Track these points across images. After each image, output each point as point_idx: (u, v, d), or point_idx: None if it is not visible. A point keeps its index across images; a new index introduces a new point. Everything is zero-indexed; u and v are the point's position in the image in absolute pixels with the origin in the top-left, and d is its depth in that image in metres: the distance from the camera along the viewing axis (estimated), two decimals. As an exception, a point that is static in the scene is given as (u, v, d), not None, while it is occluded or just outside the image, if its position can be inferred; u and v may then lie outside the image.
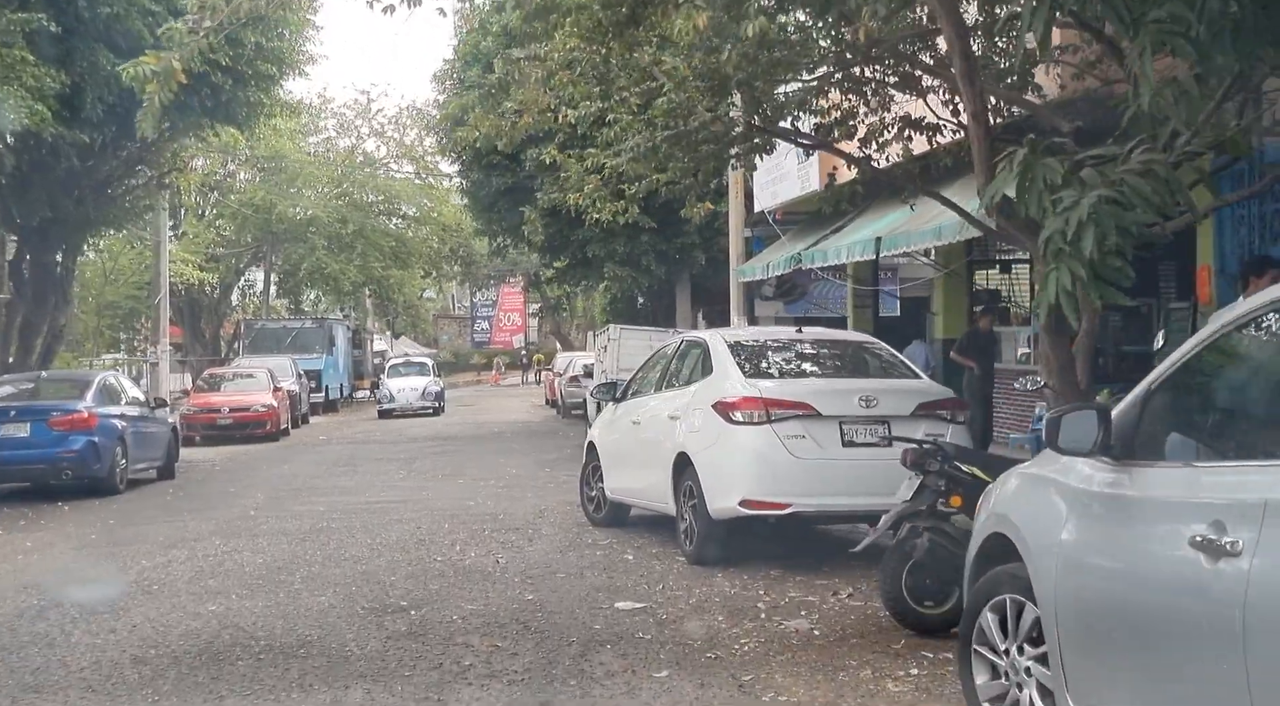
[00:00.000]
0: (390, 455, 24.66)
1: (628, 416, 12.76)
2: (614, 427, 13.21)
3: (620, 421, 12.98)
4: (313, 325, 42.36)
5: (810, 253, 20.99)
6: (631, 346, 21.94)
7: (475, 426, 33.03)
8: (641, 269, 31.55)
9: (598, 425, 14.05)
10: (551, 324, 62.41)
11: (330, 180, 47.40)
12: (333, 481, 19.69)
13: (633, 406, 12.83)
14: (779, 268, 22.58)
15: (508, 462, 22.18)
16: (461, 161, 32.51)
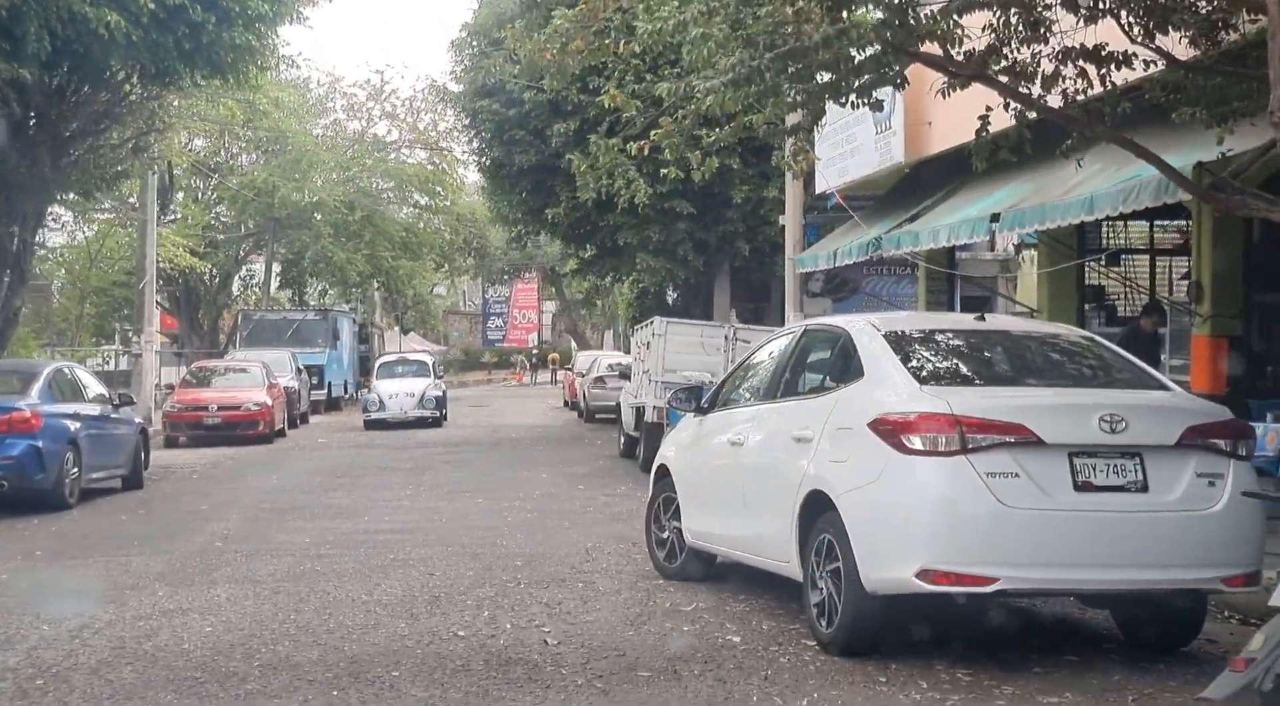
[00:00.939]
0: (396, 463, 21.21)
1: (720, 433, 9.26)
2: (699, 449, 9.71)
3: (709, 441, 9.48)
4: (315, 317, 38.91)
5: (895, 236, 17.47)
6: (680, 343, 18.50)
7: (490, 431, 29.57)
8: (678, 259, 28.08)
9: (672, 443, 10.54)
10: (567, 322, 58.95)
11: (338, 164, 43.92)
12: (326, 499, 16.22)
13: (727, 420, 9.33)
14: (851, 254, 19.06)
15: (532, 477, 18.73)
16: (480, 137, 29.05)
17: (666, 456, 10.25)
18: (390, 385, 31.67)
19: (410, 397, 30.99)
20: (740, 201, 27.29)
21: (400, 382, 31.87)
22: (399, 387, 31.42)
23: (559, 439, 27.11)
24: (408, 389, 31.29)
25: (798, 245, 22.45)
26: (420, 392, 31.19)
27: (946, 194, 17.71)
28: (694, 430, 9.88)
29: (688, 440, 9.99)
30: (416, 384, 31.67)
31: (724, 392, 9.77)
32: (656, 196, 27.01)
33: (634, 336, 20.90)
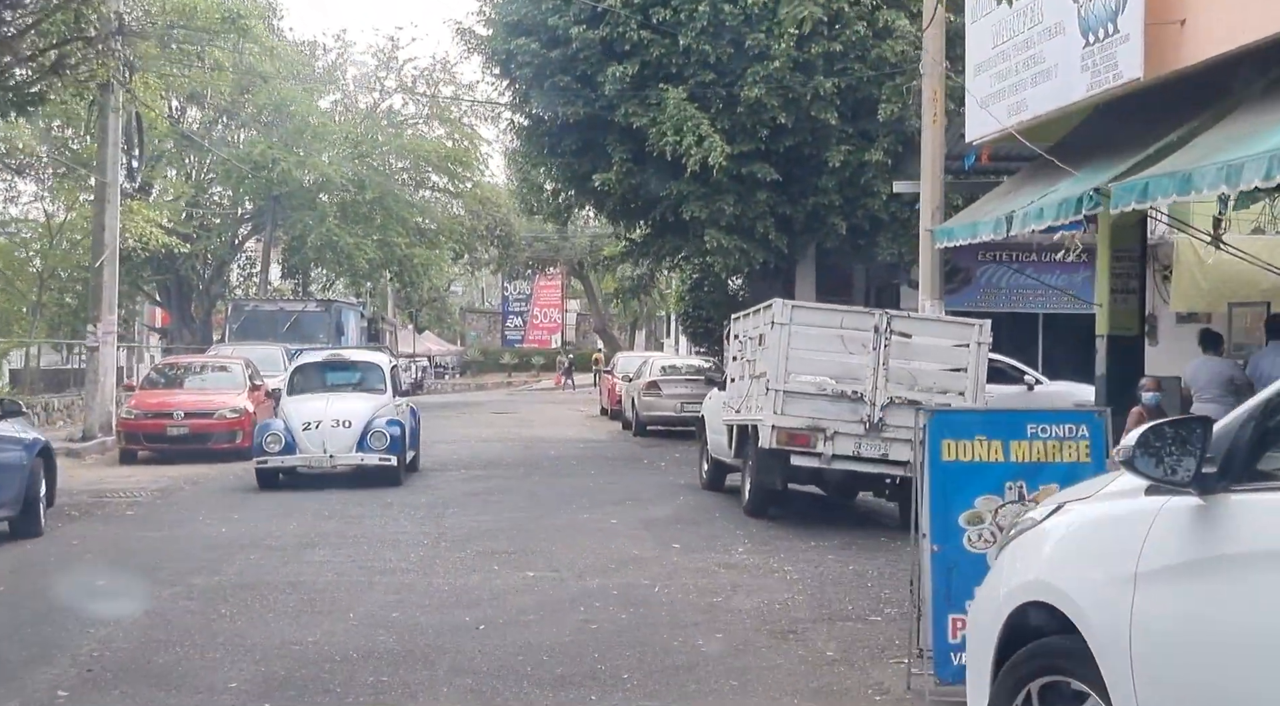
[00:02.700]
0: (405, 495, 15.53)
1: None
2: (1214, 599, 3.73)
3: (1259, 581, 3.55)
4: (316, 308, 33.27)
5: (1138, 185, 11.65)
6: (810, 337, 12.78)
7: (523, 446, 23.83)
8: (756, 239, 22.36)
9: (1079, 557, 4.53)
10: (596, 320, 53.26)
11: (347, 138, 38.29)
12: (299, 566, 10.51)
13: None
14: (1037, 217, 13.29)
15: (596, 523, 13.06)
16: (515, 87, 23.34)
17: (1060, 587, 4.37)
18: (308, 407, 17.08)
19: (342, 431, 16.68)
20: (837, 166, 21.55)
21: (328, 402, 17.18)
22: (323, 411, 16.88)
23: (610, 458, 21.37)
24: (339, 414, 16.87)
25: (937, 213, 16.75)
26: (362, 422, 16.76)
27: (1190, 132, 12.05)
28: (1183, 539, 3.96)
29: (1158, 566, 4.04)
30: (356, 406, 17.17)
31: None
32: (733, 159, 21.40)
33: (731, 327, 15.17)
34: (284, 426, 16.72)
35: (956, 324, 13.12)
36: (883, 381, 12.71)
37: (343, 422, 16.72)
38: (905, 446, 12.47)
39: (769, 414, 12.76)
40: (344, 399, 17.38)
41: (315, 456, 16.58)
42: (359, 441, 16.57)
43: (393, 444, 16.58)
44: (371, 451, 16.49)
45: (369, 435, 16.53)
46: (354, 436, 16.60)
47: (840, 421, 12.71)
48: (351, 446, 16.58)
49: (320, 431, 16.60)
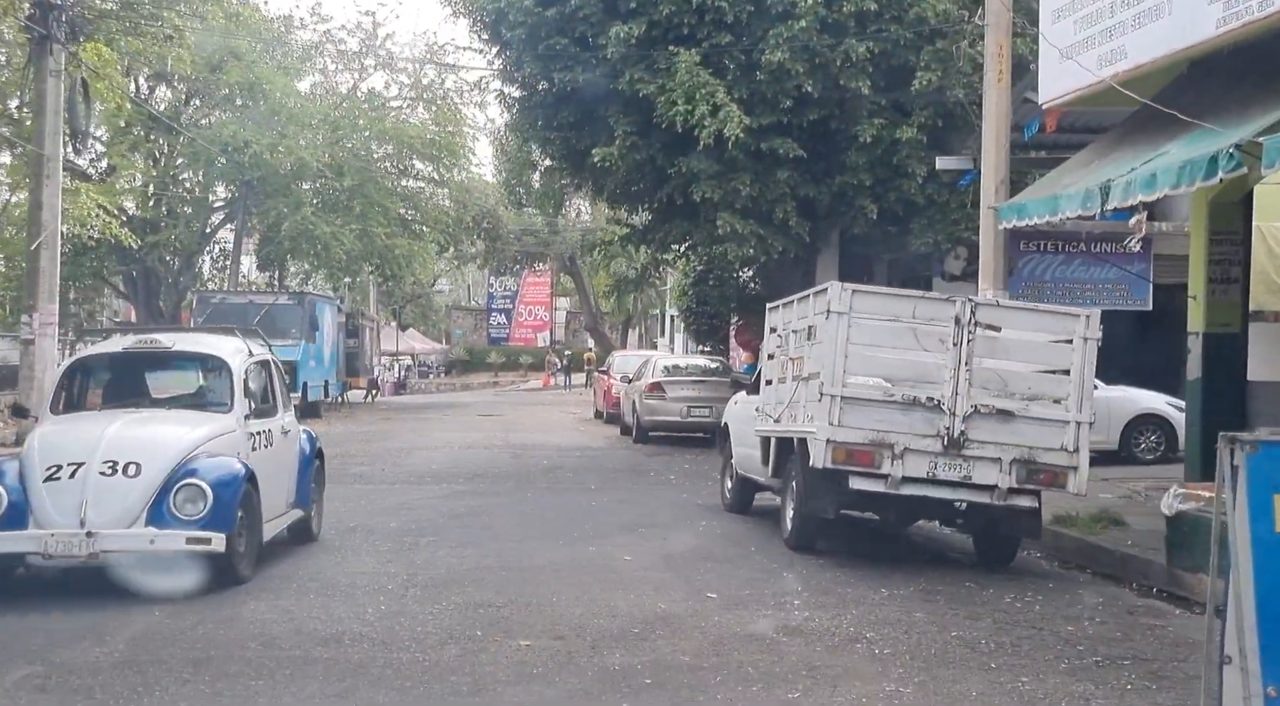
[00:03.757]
0: (374, 518, 12.82)
1: None
2: None
3: None
4: (289, 302, 30.50)
5: None
6: (873, 330, 10.13)
7: (512, 453, 21.13)
8: (775, 224, 19.71)
9: None
10: (588, 318, 50.53)
11: (325, 121, 35.51)
12: (212, 627, 7.79)
13: None
14: (1147, 186, 10.66)
15: (606, 559, 10.41)
16: (506, 52, 20.64)
17: None
18: (71, 437, 9.26)
19: (120, 484, 8.78)
20: (869, 142, 18.91)
21: (110, 427, 9.25)
22: (92, 445, 8.98)
23: (611, 469, 18.68)
24: (121, 449, 8.96)
25: (1001, 187, 14.13)
26: (164, 466, 8.93)
27: None
28: None
29: None
30: (161, 435, 9.36)
31: None
32: (751, 133, 18.75)
33: (769, 318, 12.48)
34: (15, 474, 8.81)
35: (1057, 314, 10.49)
36: (965, 385, 10.10)
37: (124, 468, 8.75)
38: (992, 467, 9.90)
39: (823, 425, 10.11)
40: (144, 422, 9.54)
41: (60, 534, 8.48)
42: (153, 505, 8.69)
43: (217, 510, 8.67)
44: (174, 523, 8.65)
45: (172, 492, 8.70)
46: (142, 495, 8.70)
47: (912, 435, 10.10)
48: (135, 514, 8.65)
49: (78, 484, 8.66)
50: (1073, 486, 10.16)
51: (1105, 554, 10.89)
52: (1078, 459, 10.10)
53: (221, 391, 10.08)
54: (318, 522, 11.40)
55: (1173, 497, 9.77)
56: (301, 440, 11.27)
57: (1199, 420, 13.53)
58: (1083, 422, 10.09)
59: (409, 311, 65.56)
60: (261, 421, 10.17)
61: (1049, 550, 11.54)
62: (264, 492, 9.56)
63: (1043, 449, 10.09)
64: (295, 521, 10.76)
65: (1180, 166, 10.12)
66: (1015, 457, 10.05)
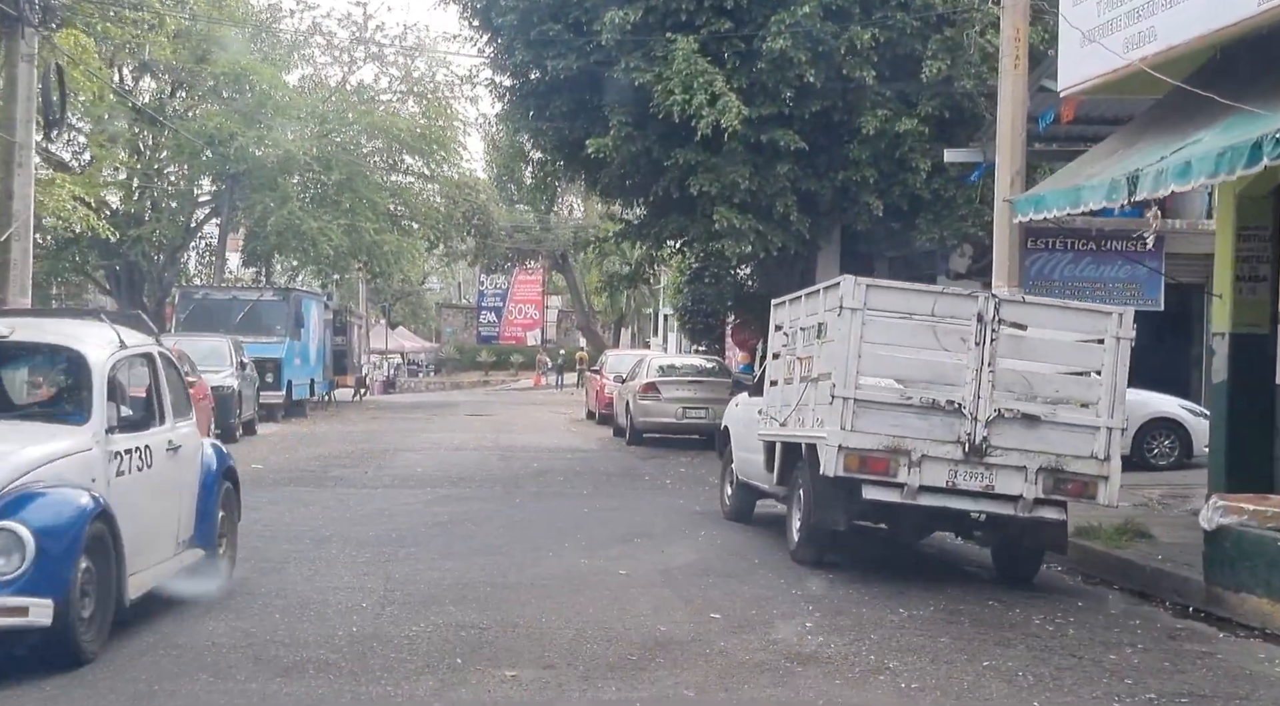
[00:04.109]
0: (353, 525, 12.01)
1: None
2: None
3: None
4: (274, 298, 29.63)
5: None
6: (889, 327, 9.36)
7: (502, 455, 20.32)
8: (774, 219, 18.94)
9: None
10: (580, 317, 49.71)
11: (313, 114, 34.64)
12: (158, 653, 6.99)
13: None
14: (1181, 176, 9.91)
15: (599, 574, 9.63)
16: (497, 40, 19.82)
17: None
18: None
19: None
20: (872, 134, 18.15)
21: None
22: None
23: (604, 473, 17.89)
24: None
25: (1017, 179, 13.36)
26: None
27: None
28: None
29: None
30: None
31: None
32: (750, 124, 17.98)
33: (777, 314, 11.66)
34: None
35: (1087, 312, 9.72)
36: (987, 388, 9.33)
37: None
38: (1016, 476, 9.11)
39: (834, 430, 9.33)
40: None
41: None
42: None
43: (42, 565, 6.35)
44: None
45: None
46: None
47: (930, 441, 9.33)
48: None
49: None
50: (1103, 497, 9.39)
51: (1134, 569, 10.13)
52: (1109, 467, 9.33)
53: (76, 396, 7.60)
54: (229, 564, 8.91)
55: (1212, 510, 9.00)
56: (203, 457, 8.72)
57: (1225, 425, 12.78)
58: (1114, 429, 9.33)
59: (399, 309, 64.74)
60: (134, 436, 7.56)
61: (1070, 564, 10.77)
62: (134, 532, 7.15)
63: (1071, 456, 9.32)
64: (193, 564, 8.26)
65: (1219, 153, 9.37)
66: (1042, 466, 9.29)
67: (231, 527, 9.11)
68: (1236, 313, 12.84)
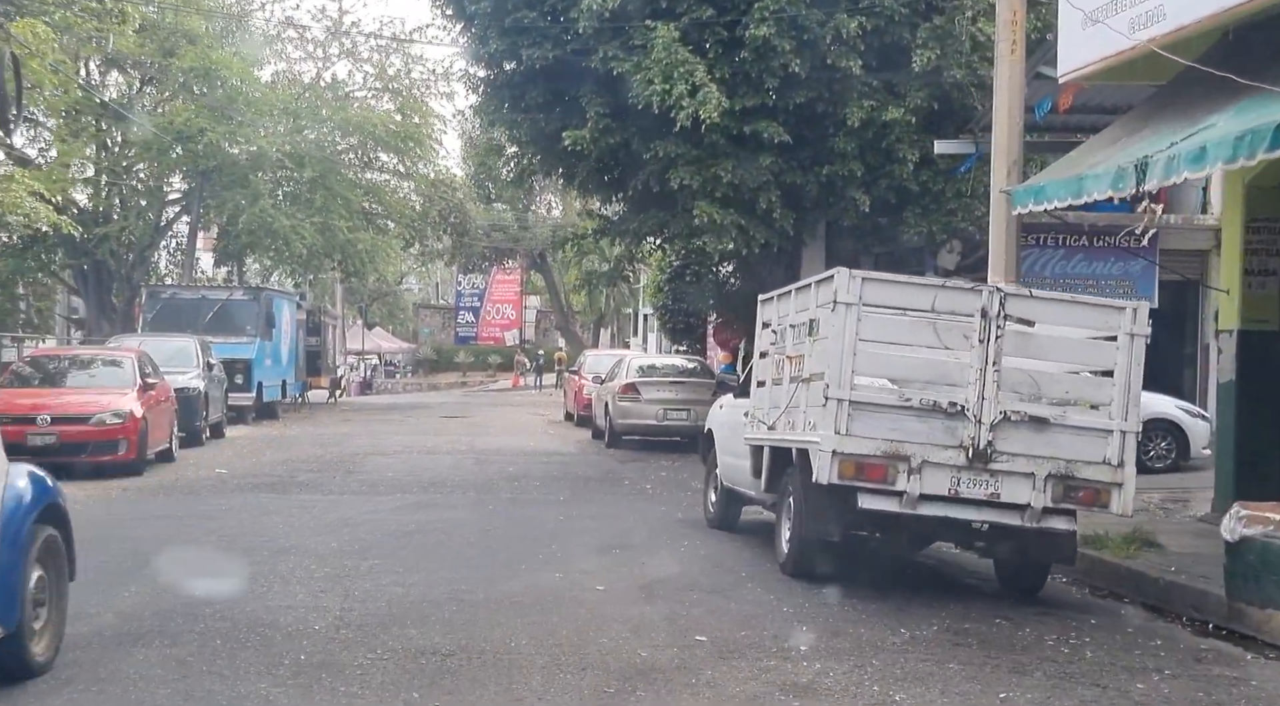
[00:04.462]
0: (314, 536, 11.25)
1: None
2: None
3: None
4: (244, 297, 28.78)
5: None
6: (885, 324, 8.65)
7: (476, 459, 19.57)
8: (757, 214, 18.24)
9: None
10: (558, 317, 48.92)
11: (286, 110, 33.77)
12: (76, 691, 6.22)
13: None
14: (1195, 161, 9.26)
15: (577, 591, 8.91)
16: (471, 29, 19.05)
17: None
18: None
19: None
20: (858, 125, 17.47)
21: None
22: None
23: (582, 477, 17.16)
24: None
25: (1014, 169, 12.66)
26: None
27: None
28: None
29: None
30: None
31: None
32: (732, 115, 17.30)
33: (765, 310, 10.93)
34: None
35: (1098, 307, 9.05)
36: (993, 388, 8.64)
37: None
38: (1024, 483, 8.43)
39: (828, 434, 8.63)
40: None
41: None
42: None
43: None
44: None
45: None
46: None
47: (931, 446, 8.64)
48: None
49: None
50: (1116, 506, 8.71)
51: (1147, 582, 9.46)
52: (1122, 474, 8.65)
53: None
54: (50, 640, 6.42)
55: (1235, 520, 8.34)
56: (34, 482, 6.47)
57: (1233, 427, 12.14)
58: (1129, 432, 8.64)
59: (376, 309, 63.87)
60: None
61: (1076, 574, 10.10)
62: None
63: (1083, 462, 8.64)
64: None
65: (1238, 137, 8.70)
66: (1051, 472, 8.60)
67: (56, 591, 6.53)
68: (1245, 308, 12.22)
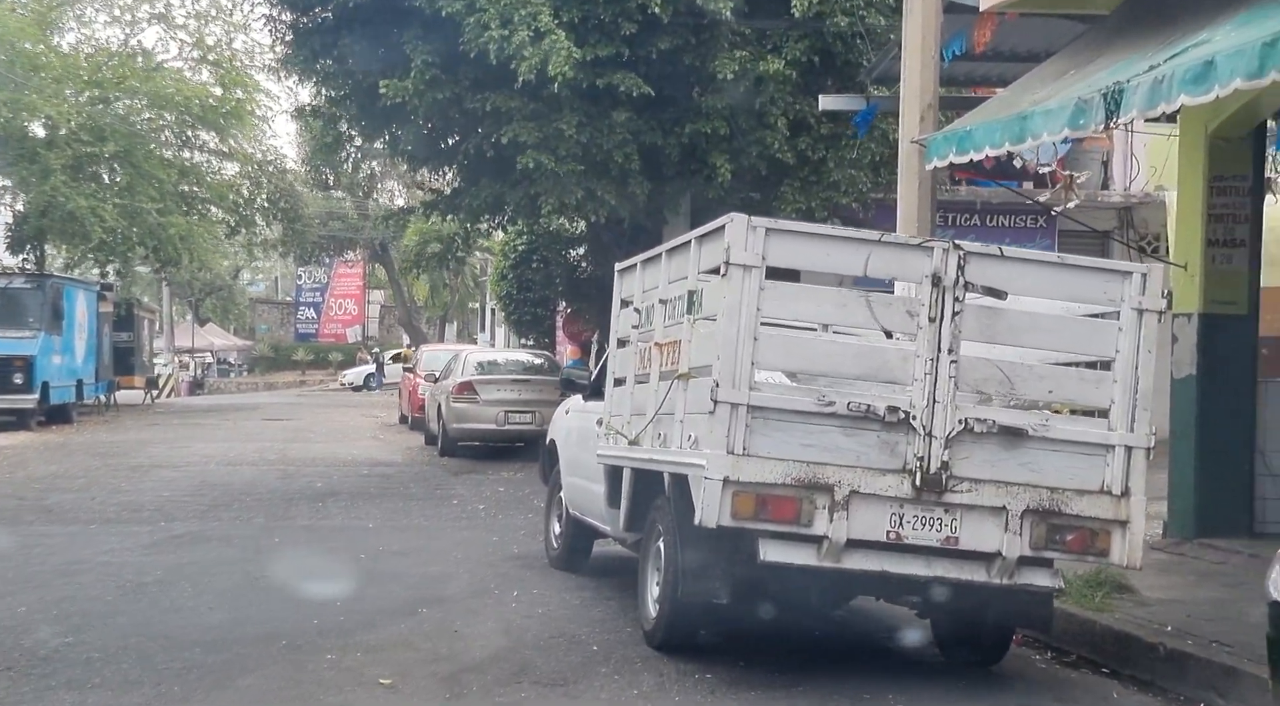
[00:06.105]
0: (10, 591, 8.05)
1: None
2: None
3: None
4: (25, 285, 24.87)
5: None
6: (804, 298, 5.94)
7: (284, 471, 16.30)
8: (610, 175, 15.42)
9: None
10: (401, 312, 45.47)
11: (90, 82, 29.78)
12: None
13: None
14: (1158, 95, 6.75)
15: (349, 686, 5.90)
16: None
17: None
18: None
19: None
20: (730, 78, 14.79)
21: None
22: None
23: (402, 495, 14.09)
24: None
25: (929, 114, 10.04)
26: None
27: None
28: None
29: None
30: None
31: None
32: (584, 68, 14.47)
33: (625, 283, 8.07)
34: None
35: (1094, 270, 6.34)
36: (948, 387, 5.96)
37: None
38: (992, 522, 5.79)
39: (717, 454, 5.85)
40: None
41: None
42: None
43: None
44: None
45: None
46: None
47: (863, 470, 5.93)
48: None
49: None
50: (1119, 553, 6.11)
51: (1138, 648, 6.88)
52: (1128, 507, 6.05)
53: None
54: None
55: (1286, 572, 5.76)
56: None
57: (1194, 432, 9.74)
58: (1137, 448, 6.05)
59: (209, 305, 59.36)
60: None
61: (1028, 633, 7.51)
62: None
63: (1073, 491, 6.02)
64: None
65: (1267, 43, 6.19)
66: (1030, 506, 5.97)
67: None
68: (1208, 287, 9.82)
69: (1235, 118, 9.64)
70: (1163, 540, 9.83)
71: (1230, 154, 9.79)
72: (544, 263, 21.80)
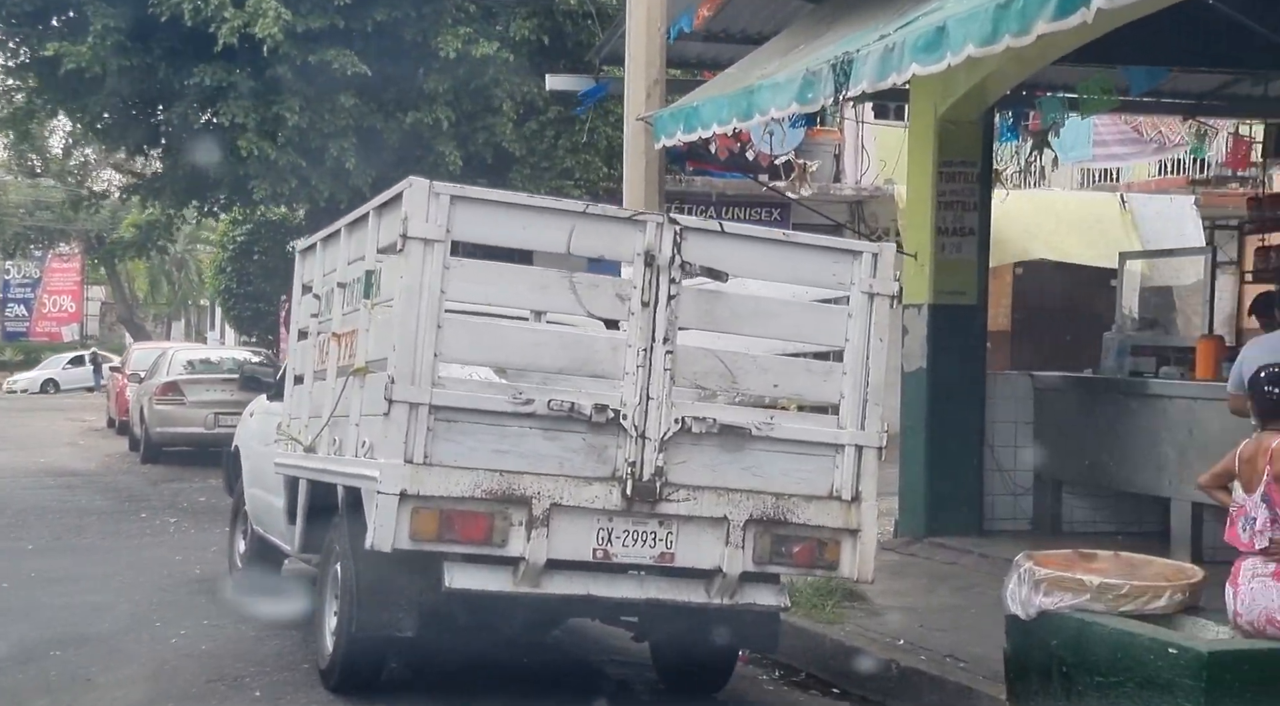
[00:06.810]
0: None
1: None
2: None
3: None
4: None
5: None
6: (497, 279, 5.05)
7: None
8: (326, 164, 14.20)
9: None
10: (121, 309, 42.37)
11: None
12: None
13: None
14: (889, 65, 6.22)
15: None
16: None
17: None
18: None
19: None
20: (453, 58, 13.82)
21: None
22: None
23: (83, 510, 12.46)
24: None
25: (655, 90, 9.31)
26: None
27: None
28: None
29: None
30: None
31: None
32: (296, 40, 13.26)
33: (305, 266, 7.00)
34: None
35: (823, 250, 5.63)
36: (663, 381, 5.17)
37: None
38: (712, 535, 5.02)
39: (394, 463, 4.88)
40: None
41: None
42: None
43: None
44: None
45: None
46: None
47: (566, 479, 5.08)
48: None
49: None
50: (849, 566, 5.44)
51: (870, 665, 6.28)
52: (858, 514, 5.39)
53: None
54: None
55: (1025, 582, 5.20)
56: None
57: (924, 426, 9.34)
58: (868, 447, 5.39)
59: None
60: None
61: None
62: None
63: (800, 497, 5.32)
64: None
65: (1001, 4, 5.64)
66: (754, 515, 5.23)
67: None
68: (938, 277, 9.44)
69: (965, 100, 9.30)
70: (894, 540, 9.40)
71: (960, 138, 9.43)
72: (265, 254, 20.21)
